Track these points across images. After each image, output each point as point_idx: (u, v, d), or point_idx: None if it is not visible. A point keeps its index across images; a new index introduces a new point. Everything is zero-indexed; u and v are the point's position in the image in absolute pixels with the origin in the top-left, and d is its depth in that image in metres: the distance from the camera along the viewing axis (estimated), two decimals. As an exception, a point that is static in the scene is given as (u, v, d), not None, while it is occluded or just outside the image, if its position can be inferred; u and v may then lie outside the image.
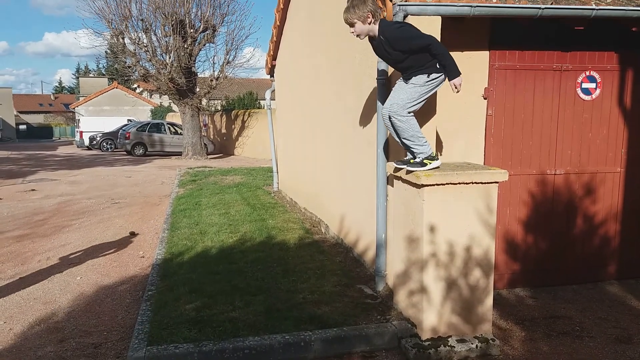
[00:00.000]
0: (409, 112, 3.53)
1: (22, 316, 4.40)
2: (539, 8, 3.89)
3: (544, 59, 4.57)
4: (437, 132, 4.15)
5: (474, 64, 4.41)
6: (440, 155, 4.34)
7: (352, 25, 3.55)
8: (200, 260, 5.59)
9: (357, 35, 3.60)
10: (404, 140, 3.64)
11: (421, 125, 3.82)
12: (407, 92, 3.51)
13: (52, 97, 71.72)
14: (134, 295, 4.87)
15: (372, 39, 3.65)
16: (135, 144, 23.09)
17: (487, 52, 4.45)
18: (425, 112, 3.87)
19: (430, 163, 3.54)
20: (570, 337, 3.95)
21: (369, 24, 3.51)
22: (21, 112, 60.87)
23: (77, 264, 5.86)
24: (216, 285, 4.71)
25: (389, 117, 3.59)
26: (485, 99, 4.50)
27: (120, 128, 26.49)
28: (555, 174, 4.75)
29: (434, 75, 3.48)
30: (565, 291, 4.84)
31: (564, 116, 4.69)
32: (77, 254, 6.29)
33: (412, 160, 3.63)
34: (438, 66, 3.46)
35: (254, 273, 5.10)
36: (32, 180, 13.95)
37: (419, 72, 3.48)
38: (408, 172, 3.61)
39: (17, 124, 54.82)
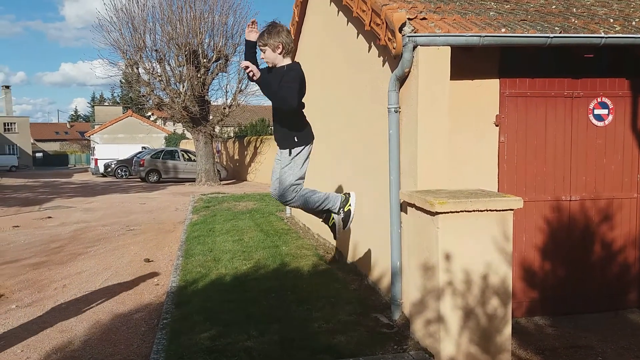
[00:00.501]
0: None
1: (39, 344, 4.41)
2: (548, 37, 3.94)
3: (555, 86, 4.60)
4: (449, 159, 4.17)
5: (484, 91, 4.45)
6: (455, 182, 4.35)
7: (263, 49, 3.70)
8: (215, 288, 5.60)
9: (265, 60, 3.76)
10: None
11: (434, 152, 3.87)
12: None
13: (68, 126, 73.19)
14: (149, 323, 4.87)
15: (269, 69, 3.77)
16: (150, 171, 23.36)
17: (498, 80, 4.49)
18: (436, 138, 3.90)
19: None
20: (592, 367, 3.87)
21: (278, 54, 3.68)
22: (37, 140, 62.08)
23: (92, 292, 5.90)
24: (231, 314, 4.71)
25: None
26: (497, 125, 4.53)
27: (135, 155, 26.86)
28: (570, 200, 4.72)
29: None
30: (586, 319, 4.75)
31: (577, 142, 4.69)
32: (93, 281, 6.32)
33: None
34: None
35: (268, 301, 5.09)
36: (48, 208, 14.14)
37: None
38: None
39: (34, 152, 55.90)
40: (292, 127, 3.78)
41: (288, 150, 3.81)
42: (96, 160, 31.43)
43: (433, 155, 4.02)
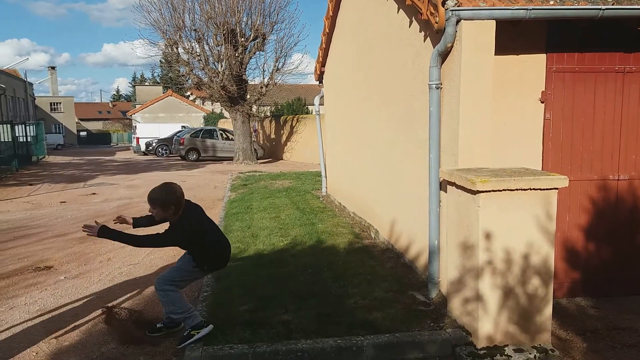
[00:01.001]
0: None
1: (86, 314, 4.63)
2: (599, 9, 3.75)
3: (606, 60, 4.40)
4: (491, 137, 4.07)
5: (530, 67, 4.30)
6: (496, 161, 4.25)
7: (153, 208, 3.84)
8: (253, 263, 5.71)
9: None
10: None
11: (476, 130, 3.78)
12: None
13: (110, 105, 75.24)
14: (190, 296, 5.01)
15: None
16: (189, 150, 23.81)
17: (544, 55, 4.33)
18: (478, 115, 3.81)
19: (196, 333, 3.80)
20: (636, 349, 3.76)
21: (169, 214, 3.80)
22: (82, 120, 64.11)
23: (136, 265, 6.11)
24: (269, 288, 4.80)
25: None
26: (542, 102, 4.38)
27: (175, 134, 27.42)
28: (618, 180, 4.55)
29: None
30: (630, 302, 4.61)
31: (628, 120, 4.49)
32: (136, 255, 6.55)
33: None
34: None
35: (305, 277, 5.15)
36: (92, 185, 14.66)
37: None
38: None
39: (78, 131, 57.73)
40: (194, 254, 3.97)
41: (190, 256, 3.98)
42: (137, 138, 32.22)
43: (475, 132, 3.94)
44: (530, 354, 3.52)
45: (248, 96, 21.49)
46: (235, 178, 14.51)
